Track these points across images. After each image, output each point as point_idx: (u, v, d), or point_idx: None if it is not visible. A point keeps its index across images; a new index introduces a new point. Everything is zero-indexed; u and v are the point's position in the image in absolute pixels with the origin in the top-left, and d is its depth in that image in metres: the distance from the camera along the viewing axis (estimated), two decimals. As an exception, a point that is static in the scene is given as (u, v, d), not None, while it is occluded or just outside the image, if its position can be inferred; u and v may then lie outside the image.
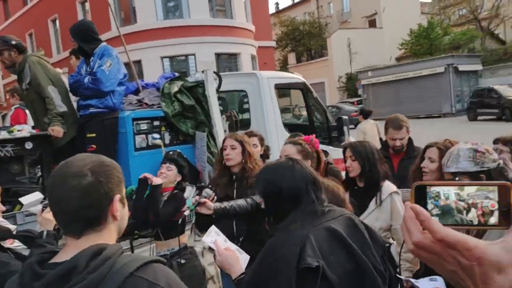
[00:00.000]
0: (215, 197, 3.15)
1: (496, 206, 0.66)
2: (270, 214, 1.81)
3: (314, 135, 3.31)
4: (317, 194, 1.76)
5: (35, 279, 1.12)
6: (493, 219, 0.66)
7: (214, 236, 2.12)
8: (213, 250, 2.09)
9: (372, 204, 2.93)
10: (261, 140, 3.99)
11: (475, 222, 0.66)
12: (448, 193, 0.66)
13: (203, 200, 2.86)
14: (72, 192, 1.19)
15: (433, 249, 0.64)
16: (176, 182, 3.51)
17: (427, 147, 2.91)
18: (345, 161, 3.11)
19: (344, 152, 3.15)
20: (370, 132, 8.27)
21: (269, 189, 1.78)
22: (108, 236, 1.25)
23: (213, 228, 2.19)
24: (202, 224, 3.17)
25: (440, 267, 0.66)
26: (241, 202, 3.00)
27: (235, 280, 1.88)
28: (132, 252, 3.71)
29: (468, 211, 0.66)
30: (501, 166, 1.81)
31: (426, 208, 0.66)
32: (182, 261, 3.37)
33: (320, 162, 3.21)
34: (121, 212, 1.29)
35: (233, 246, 2.08)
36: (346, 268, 1.56)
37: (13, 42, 4.12)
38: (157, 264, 1.21)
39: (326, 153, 4.47)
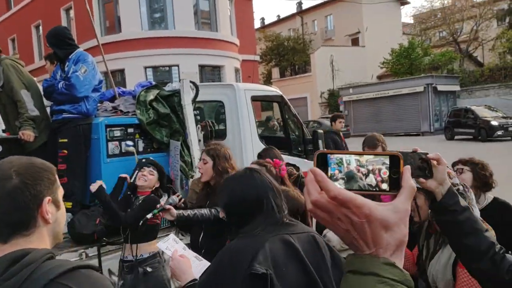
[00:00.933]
0: (182, 204, 3.19)
1: (388, 174, 0.71)
2: (233, 223, 1.81)
3: (284, 163, 3.35)
4: (277, 201, 1.78)
5: None
6: (385, 185, 0.71)
7: (171, 243, 2.15)
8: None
9: None
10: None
11: (373, 188, 0.71)
12: (349, 160, 0.71)
13: (167, 206, 2.89)
14: None
15: (328, 207, 0.67)
16: (154, 188, 3.52)
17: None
18: None
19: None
20: None
21: (232, 199, 1.80)
22: (38, 240, 1.19)
23: (171, 236, 2.24)
24: (184, 226, 3.22)
25: (334, 227, 0.70)
26: (204, 211, 3.05)
27: (184, 287, 1.88)
28: (99, 259, 3.68)
29: (367, 176, 0.71)
30: (461, 191, 1.87)
31: (327, 173, 0.70)
32: (149, 270, 3.37)
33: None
34: (55, 215, 1.23)
35: (192, 254, 2.09)
36: (296, 283, 1.56)
37: None
38: (86, 270, 1.15)
39: (297, 167, 4.53)
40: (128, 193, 3.56)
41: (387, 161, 0.71)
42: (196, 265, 2.00)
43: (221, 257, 1.66)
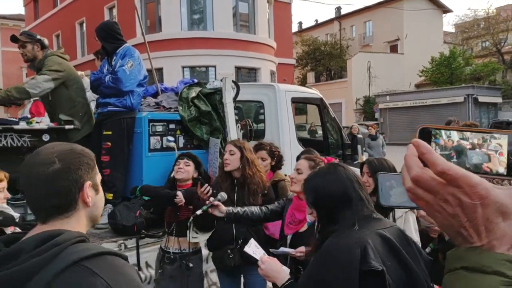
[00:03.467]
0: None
1: (505, 155, 0.62)
2: (324, 219, 1.79)
3: (334, 159, 3.30)
4: (364, 194, 1.79)
5: None
6: (501, 169, 0.62)
7: (254, 248, 2.14)
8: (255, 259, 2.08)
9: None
10: (272, 152, 3.94)
11: (488, 171, 0.62)
12: (462, 135, 0.63)
13: (216, 202, 2.86)
14: (38, 179, 1.18)
15: (432, 186, 0.59)
16: (193, 178, 3.53)
17: None
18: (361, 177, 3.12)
19: (361, 168, 3.16)
20: None
21: (320, 196, 1.78)
22: (76, 223, 1.23)
23: (252, 241, 2.22)
24: (201, 224, 3.20)
25: (436, 211, 0.60)
26: (255, 209, 2.98)
27: (282, 286, 1.86)
28: (137, 251, 3.73)
29: (481, 156, 0.62)
30: None
31: None
32: (190, 265, 3.38)
33: None
34: (94, 198, 1.28)
35: (276, 260, 2.07)
36: (399, 277, 1.55)
37: (38, 37, 4.25)
38: (112, 257, 1.16)
39: None
40: (166, 190, 3.57)
41: (505, 141, 0.62)
42: None
43: (324, 256, 1.62)
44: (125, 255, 1.24)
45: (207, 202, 2.90)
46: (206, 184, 3.15)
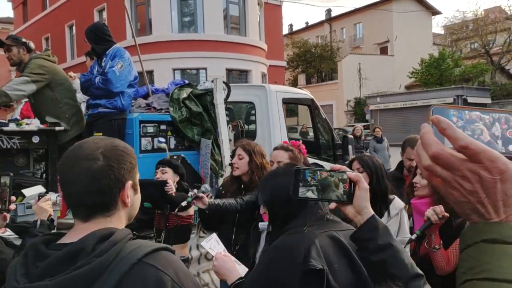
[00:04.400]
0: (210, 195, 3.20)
1: None
2: (276, 219, 1.78)
3: (301, 142, 3.33)
4: None
5: (40, 259, 1.08)
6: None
7: (213, 243, 2.12)
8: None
9: (383, 218, 2.96)
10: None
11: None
12: (479, 113, 0.62)
13: (200, 194, 2.87)
14: (81, 175, 1.14)
15: (452, 162, 0.58)
16: (176, 183, 3.54)
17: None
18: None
19: (350, 165, 3.17)
20: None
21: (277, 195, 1.76)
22: (117, 221, 1.21)
23: (214, 236, 2.21)
24: (207, 223, 3.21)
25: (453, 188, 0.60)
26: (231, 201, 3.02)
27: (232, 285, 1.85)
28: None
29: (493, 128, 0.62)
30: None
31: None
32: None
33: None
34: (132, 198, 1.25)
35: (231, 257, 2.06)
36: (348, 279, 1.54)
37: (23, 40, 4.22)
38: (166, 252, 1.18)
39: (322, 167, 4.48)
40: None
41: None
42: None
43: (271, 254, 1.63)
44: (173, 249, 1.24)
45: (191, 194, 2.93)
46: (169, 183, 3.26)
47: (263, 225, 2.43)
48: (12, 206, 1.98)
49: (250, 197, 3.06)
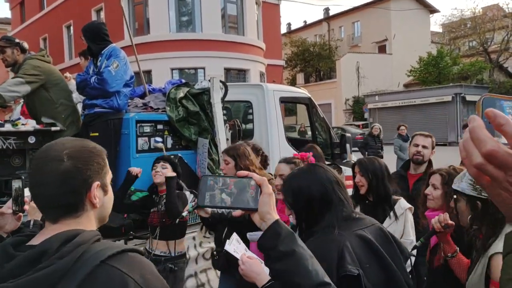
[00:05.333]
0: None
1: None
2: (303, 221, 1.77)
3: (311, 154, 3.31)
4: (344, 195, 1.77)
5: (6, 260, 1.09)
6: None
7: (235, 244, 2.05)
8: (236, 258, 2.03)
9: (388, 219, 2.98)
10: (257, 150, 3.93)
11: None
12: None
13: None
14: (48, 177, 1.15)
15: (507, 162, 0.54)
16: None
17: (431, 173, 2.91)
18: (354, 177, 3.15)
19: (353, 168, 3.20)
20: None
21: (298, 198, 1.75)
22: (87, 223, 1.21)
23: (234, 236, 2.11)
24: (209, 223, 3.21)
25: (503, 189, 0.56)
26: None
27: None
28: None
29: None
30: None
31: None
32: (175, 268, 3.40)
33: None
34: (102, 199, 1.25)
35: (256, 258, 2.03)
36: (379, 278, 1.55)
37: (17, 41, 4.21)
38: (134, 254, 1.16)
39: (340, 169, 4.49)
40: (148, 194, 3.59)
41: None
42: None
43: None
44: (141, 250, 1.23)
45: (193, 203, 2.90)
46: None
47: (251, 235, 2.37)
48: (26, 207, 1.98)
49: None
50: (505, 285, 0.57)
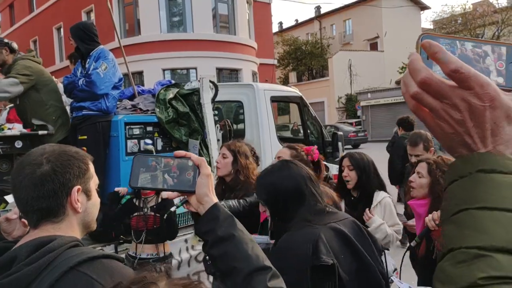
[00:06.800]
0: None
1: (504, 66, 0.60)
2: (277, 217, 1.79)
3: (316, 147, 3.27)
4: (317, 190, 1.79)
5: None
6: (501, 79, 0.59)
7: None
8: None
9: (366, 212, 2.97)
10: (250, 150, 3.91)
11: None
12: (464, 43, 0.60)
13: None
14: (26, 181, 1.15)
15: (441, 89, 0.56)
16: None
17: (418, 161, 2.90)
18: (341, 171, 3.11)
19: (341, 162, 3.16)
20: None
21: (272, 193, 1.78)
22: (67, 228, 1.19)
23: None
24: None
25: (441, 119, 0.58)
26: (232, 202, 2.83)
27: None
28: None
29: (484, 58, 0.59)
30: None
31: None
32: (162, 269, 3.37)
33: (321, 171, 3.12)
34: (85, 204, 1.23)
35: None
36: (353, 268, 1.58)
37: (5, 41, 4.16)
38: (108, 260, 1.13)
39: (327, 168, 4.47)
40: (130, 197, 3.52)
41: (504, 52, 0.60)
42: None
43: (278, 255, 1.60)
44: (121, 257, 1.21)
45: (181, 198, 2.85)
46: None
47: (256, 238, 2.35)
48: None
49: (255, 198, 2.95)
50: (449, 211, 0.58)
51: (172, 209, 2.93)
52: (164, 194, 3.27)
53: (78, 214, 1.21)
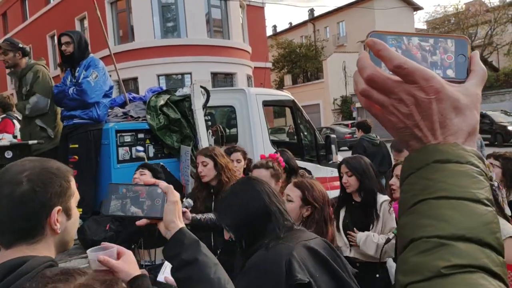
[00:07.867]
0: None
1: (453, 58, 0.61)
2: (243, 239, 1.69)
3: (279, 154, 3.36)
4: (282, 205, 1.74)
5: None
6: (450, 72, 0.61)
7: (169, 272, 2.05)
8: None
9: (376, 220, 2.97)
10: (245, 154, 3.97)
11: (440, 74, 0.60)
12: (410, 38, 0.62)
13: (183, 209, 2.81)
14: (4, 200, 1.09)
15: (387, 84, 0.58)
16: None
17: (396, 165, 2.91)
18: (340, 178, 3.10)
19: (339, 169, 3.15)
20: None
21: (238, 217, 1.68)
22: (44, 249, 1.14)
23: (167, 264, 2.08)
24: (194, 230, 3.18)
25: (390, 114, 0.59)
26: (211, 215, 2.92)
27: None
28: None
29: (433, 54, 0.61)
30: (495, 187, 1.77)
31: None
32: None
33: (293, 173, 3.38)
34: (64, 224, 1.18)
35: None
36: (330, 287, 1.54)
37: (20, 45, 4.20)
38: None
39: (309, 172, 4.49)
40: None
41: (452, 44, 0.61)
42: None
43: (251, 275, 1.56)
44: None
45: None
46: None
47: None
48: None
49: None
50: (407, 202, 0.58)
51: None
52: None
53: (57, 235, 1.17)
